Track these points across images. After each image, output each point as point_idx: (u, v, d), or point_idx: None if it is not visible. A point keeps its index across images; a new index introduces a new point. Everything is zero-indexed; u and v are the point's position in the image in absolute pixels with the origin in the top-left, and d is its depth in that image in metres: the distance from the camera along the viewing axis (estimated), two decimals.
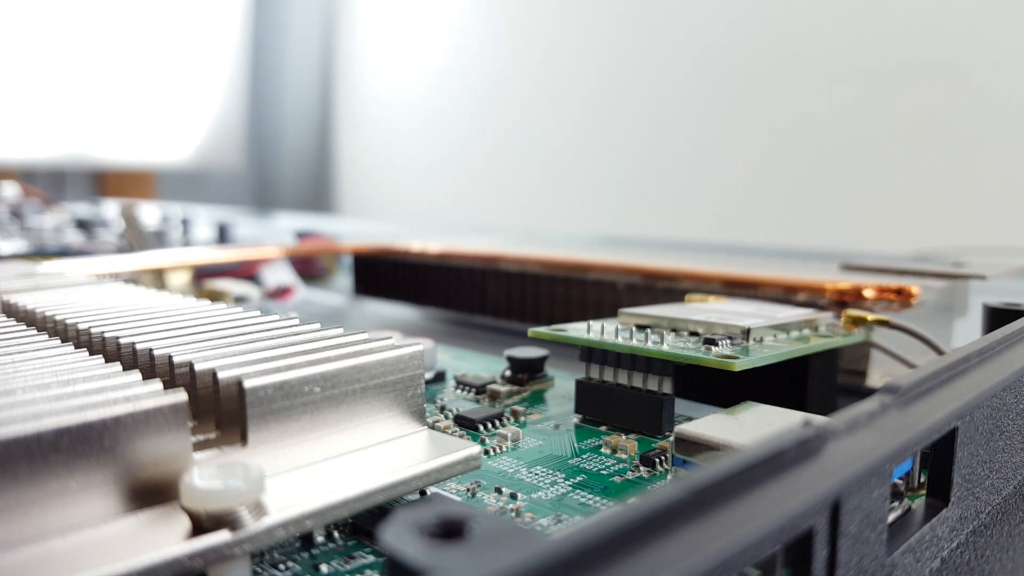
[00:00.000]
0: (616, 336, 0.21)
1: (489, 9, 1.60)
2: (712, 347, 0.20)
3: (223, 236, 0.62)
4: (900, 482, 0.15)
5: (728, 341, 0.20)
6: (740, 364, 0.18)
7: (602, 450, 0.19)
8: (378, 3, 1.86)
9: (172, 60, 1.71)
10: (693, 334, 0.21)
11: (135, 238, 0.56)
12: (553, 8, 1.46)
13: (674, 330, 0.22)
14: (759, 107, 1.16)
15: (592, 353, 0.21)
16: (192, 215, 0.72)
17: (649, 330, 0.21)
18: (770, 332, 0.22)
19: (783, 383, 0.22)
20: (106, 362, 0.15)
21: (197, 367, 0.14)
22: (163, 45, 1.68)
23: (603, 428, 0.21)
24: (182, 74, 1.74)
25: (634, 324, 0.23)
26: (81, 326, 0.18)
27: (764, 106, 1.15)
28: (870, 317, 0.24)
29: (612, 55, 1.35)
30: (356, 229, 0.85)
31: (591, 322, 0.23)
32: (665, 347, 0.20)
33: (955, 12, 0.96)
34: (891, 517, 0.13)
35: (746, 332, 0.21)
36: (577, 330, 0.22)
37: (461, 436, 0.20)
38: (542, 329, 0.22)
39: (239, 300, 0.40)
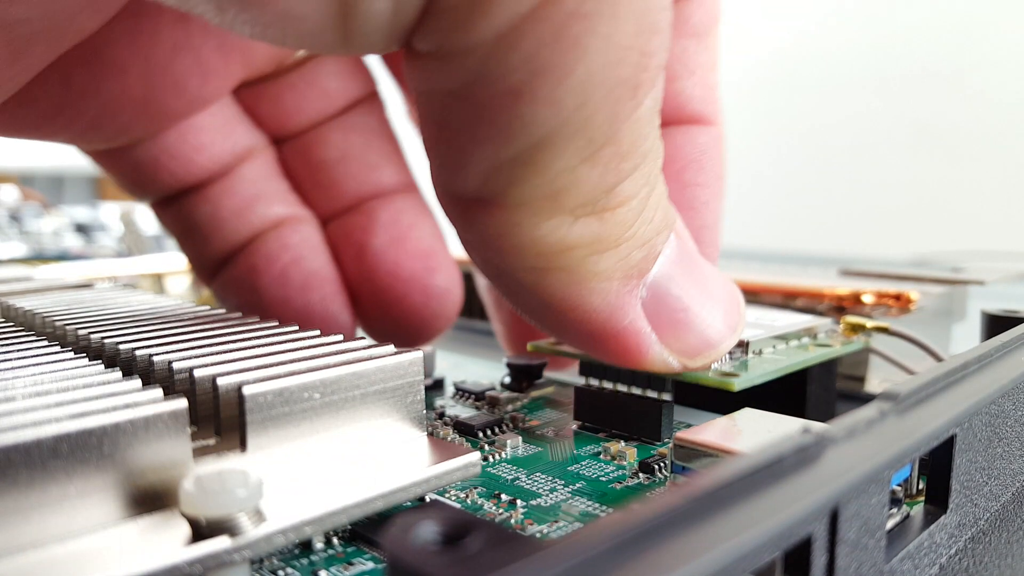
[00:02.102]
0: None
1: None
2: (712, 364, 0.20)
3: None
4: (898, 489, 0.15)
5: (727, 356, 0.20)
6: (739, 383, 0.18)
7: (601, 457, 0.19)
8: None
9: None
10: None
11: (134, 242, 0.56)
12: None
13: None
14: (758, 110, 1.16)
15: (592, 367, 0.21)
16: None
17: None
18: (769, 343, 0.22)
19: (782, 390, 0.22)
20: (105, 368, 0.15)
21: (196, 373, 0.14)
22: None
23: (602, 435, 0.21)
24: None
25: None
26: (81, 331, 0.18)
27: (762, 110, 1.15)
28: (869, 324, 0.24)
29: None
30: None
31: None
32: None
33: (953, 17, 0.97)
34: (889, 524, 0.13)
35: (745, 345, 0.21)
36: None
37: (460, 443, 0.20)
38: (541, 342, 0.22)
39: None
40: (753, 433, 0.16)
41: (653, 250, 0.16)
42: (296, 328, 0.18)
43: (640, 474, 0.18)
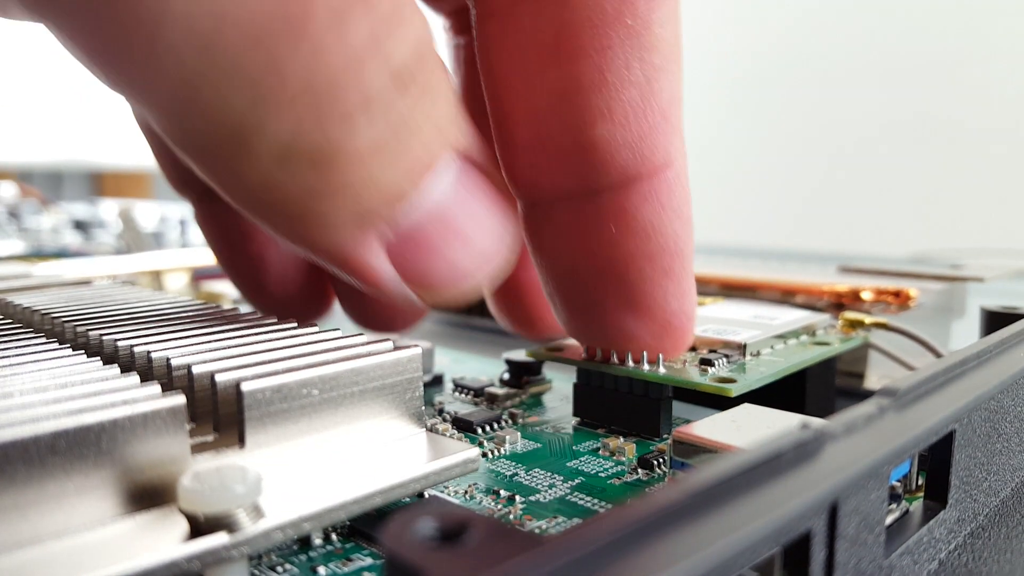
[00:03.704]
0: (613, 356, 0.21)
1: None
2: (708, 368, 0.20)
3: None
4: (898, 484, 0.15)
5: (725, 359, 0.20)
6: (736, 389, 0.18)
7: (600, 452, 0.19)
8: None
9: None
10: (690, 348, 0.21)
11: (133, 239, 0.56)
12: None
13: None
14: (756, 108, 1.16)
15: (589, 375, 0.21)
16: (190, 216, 0.72)
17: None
18: (767, 344, 0.22)
19: (781, 386, 0.22)
20: (104, 364, 0.15)
21: (195, 370, 0.14)
22: None
23: (601, 431, 0.21)
24: None
25: None
26: (79, 328, 0.18)
27: (761, 107, 1.15)
28: (868, 320, 0.24)
29: None
30: None
31: None
32: (661, 370, 0.20)
33: (952, 13, 0.96)
34: (889, 519, 0.13)
35: (743, 347, 0.21)
36: (574, 348, 0.22)
37: (459, 439, 0.20)
38: (538, 348, 0.22)
39: (237, 302, 0.40)
40: (752, 429, 0.16)
41: (400, 198, 0.14)
42: (295, 324, 0.18)
43: (639, 470, 0.18)
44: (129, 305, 0.21)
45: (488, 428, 0.21)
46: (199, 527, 0.12)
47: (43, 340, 0.17)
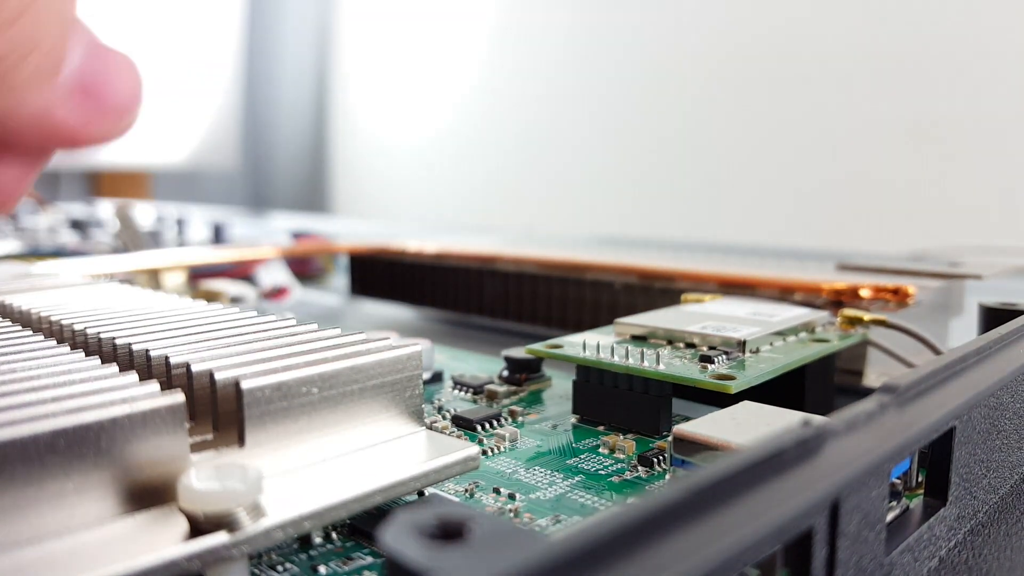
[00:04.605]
0: (612, 354, 0.21)
1: (486, 9, 1.60)
2: (708, 365, 0.20)
3: (218, 236, 0.62)
4: (898, 481, 0.15)
5: (724, 357, 0.20)
6: (736, 386, 0.18)
7: (600, 450, 0.19)
8: (374, 2, 1.86)
9: (167, 59, 1.71)
10: (690, 345, 0.21)
11: (130, 238, 0.55)
12: (550, 8, 1.46)
13: (670, 342, 0.22)
14: (756, 107, 1.16)
15: (589, 372, 0.21)
16: (187, 215, 0.72)
17: (645, 347, 0.21)
18: (766, 341, 0.22)
19: (780, 384, 0.22)
20: (103, 363, 0.15)
21: (194, 368, 0.14)
22: (158, 44, 1.68)
23: (601, 428, 0.21)
24: (177, 73, 1.73)
25: (630, 334, 0.23)
26: (77, 327, 0.18)
27: (761, 106, 1.15)
28: (867, 317, 0.24)
29: (608, 56, 1.36)
30: (352, 229, 0.85)
31: (587, 336, 0.22)
32: (661, 367, 0.20)
33: (951, 13, 0.96)
34: (889, 516, 0.13)
35: (742, 344, 0.21)
36: (573, 346, 0.22)
37: (459, 436, 0.20)
38: (538, 346, 0.22)
39: (235, 301, 0.40)
40: (752, 426, 0.16)
41: (62, 49, 0.16)
42: (294, 322, 0.18)
43: (639, 467, 0.18)
44: (127, 304, 0.21)
45: (488, 426, 0.21)
46: (199, 526, 0.12)
47: (41, 339, 0.17)
